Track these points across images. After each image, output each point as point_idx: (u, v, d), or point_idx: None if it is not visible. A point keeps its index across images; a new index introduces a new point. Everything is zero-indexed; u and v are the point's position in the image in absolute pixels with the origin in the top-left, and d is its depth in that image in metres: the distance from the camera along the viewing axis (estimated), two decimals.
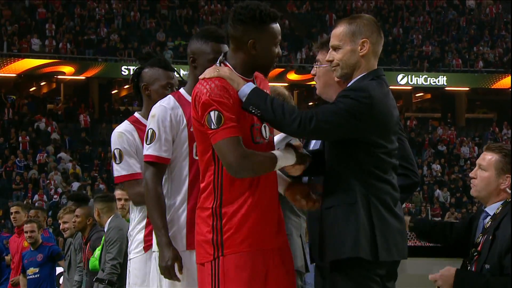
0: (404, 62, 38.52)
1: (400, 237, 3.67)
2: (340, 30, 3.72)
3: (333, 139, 3.66)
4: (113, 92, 38.50)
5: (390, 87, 3.85)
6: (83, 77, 35.43)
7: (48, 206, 26.75)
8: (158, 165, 3.88)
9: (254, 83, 3.69)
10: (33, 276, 9.07)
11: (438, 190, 32.99)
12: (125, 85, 38.96)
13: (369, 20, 3.75)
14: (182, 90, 4.03)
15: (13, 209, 9.85)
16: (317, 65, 4.08)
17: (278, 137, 3.80)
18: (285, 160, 3.62)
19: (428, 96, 42.41)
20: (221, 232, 3.55)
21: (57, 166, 29.99)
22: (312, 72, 4.11)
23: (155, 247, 3.90)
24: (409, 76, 37.76)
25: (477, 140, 37.44)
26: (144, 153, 3.93)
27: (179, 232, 3.86)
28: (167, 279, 3.83)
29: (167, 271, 3.77)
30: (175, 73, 4.47)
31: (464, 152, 36.13)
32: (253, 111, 3.57)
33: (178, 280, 3.78)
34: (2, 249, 10.37)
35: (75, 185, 28.88)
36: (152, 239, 4.03)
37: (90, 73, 34.97)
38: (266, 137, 3.68)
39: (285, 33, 37.64)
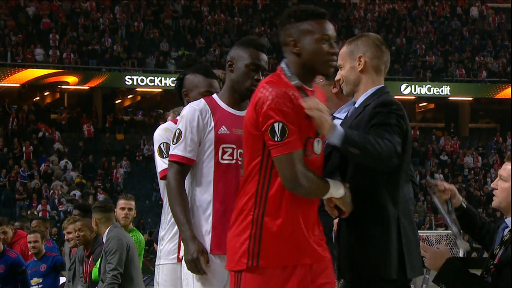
0: (408, 72, 38.53)
1: (418, 252, 3.75)
2: (342, 50, 3.91)
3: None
4: (116, 102, 38.55)
5: (394, 97, 3.90)
6: (87, 87, 35.49)
7: (51, 216, 26.75)
8: (182, 165, 3.87)
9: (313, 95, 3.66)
10: (37, 287, 9.05)
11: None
12: (128, 95, 39.01)
13: (369, 37, 3.90)
14: (215, 95, 4.06)
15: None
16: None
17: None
18: (336, 190, 3.56)
19: (432, 106, 42.41)
20: (259, 242, 3.48)
21: (61, 175, 30.01)
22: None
23: (182, 252, 3.87)
24: (413, 86, 37.77)
25: (481, 150, 37.40)
26: (170, 153, 3.94)
27: (203, 236, 3.84)
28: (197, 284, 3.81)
29: (193, 264, 3.74)
30: (218, 80, 4.45)
31: (467, 162, 36.09)
32: (351, 150, 3.48)
33: (205, 273, 3.76)
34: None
35: (77, 194, 28.93)
36: None
37: (94, 83, 35.02)
38: (317, 152, 3.59)
39: None
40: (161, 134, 4.39)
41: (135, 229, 8.05)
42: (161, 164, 4.32)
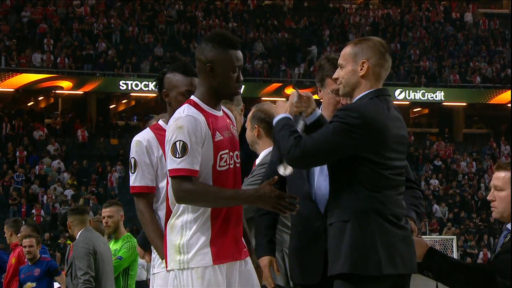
0: (402, 77, 38.61)
1: (407, 250, 3.72)
2: (346, 50, 3.90)
3: (327, 162, 3.77)
4: (111, 106, 38.52)
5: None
6: (81, 92, 35.46)
7: (45, 221, 26.71)
8: (193, 179, 3.74)
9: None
10: None
11: (436, 205, 32.98)
12: (123, 100, 38.99)
13: (375, 43, 3.89)
14: (194, 98, 3.88)
15: None
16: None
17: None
18: None
19: (426, 111, 42.48)
20: None
21: (56, 177, 29.96)
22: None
23: (174, 264, 3.80)
24: (407, 91, 37.83)
25: (475, 156, 37.48)
26: (175, 167, 3.74)
27: (203, 247, 3.76)
28: None
29: None
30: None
31: (462, 167, 36.15)
32: (274, 140, 3.80)
33: None
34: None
35: (69, 194, 28.92)
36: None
37: (88, 87, 35.00)
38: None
39: (283, 48, 37.76)
40: (132, 148, 4.23)
41: (130, 234, 8.01)
42: (131, 178, 4.22)
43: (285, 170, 3.74)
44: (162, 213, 4.12)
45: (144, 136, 4.22)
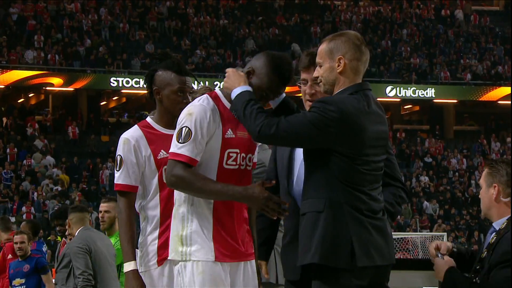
0: (393, 74, 38.66)
1: (384, 242, 3.71)
2: (321, 48, 3.88)
3: (294, 147, 3.85)
4: (101, 103, 38.44)
5: (379, 99, 3.88)
6: (72, 89, 35.38)
7: (37, 218, 26.63)
8: (189, 166, 3.74)
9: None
10: (19, 287, 9.02)
11: (426, 202, 33.05)
12: (113, 97, 38.92)
13: (350, 37, 3.85)
14: (218, 92, 3.91)
15: None
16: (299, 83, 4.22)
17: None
18: None
19: (417, 108, 42.56)
20: None
21: (44, 173, 29.89)
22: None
23: (175, 255, 3.81)
24: (398, 88, 37.88)
25: (465, 152, 37.56)
26: (175, 151, 3.76)
27: (206, 241, 3.76)
28: None
29: None
30: (190, 77, 4.23)
31: (452, 164, 36.24)
32: (233, 113, 3.76)
33: None
34: None
35: (59, 189, 28.86)
36: (166, 252, 3.95)
37: (79, 84, 34.91)
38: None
39: (274, 45, 37.72)
40: (119, 146, 4.18)
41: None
42: (115, 175, 4.19)
43: None
44: (151, 212, 4.11)
45: (133, 134, 4.18)
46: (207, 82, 29.67)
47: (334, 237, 3.62)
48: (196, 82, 4.44)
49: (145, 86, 4.25)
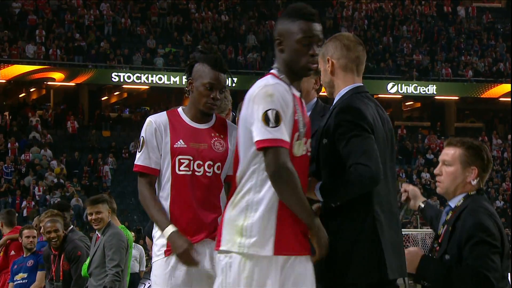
0: (394, 70, 38.64)
1: (399, 253, 3.80)
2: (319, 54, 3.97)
3: (385, 163, 3.72)
4: (103, 98, 38.44)
5: (380, 95, 3.92)
6: (73, 84, 35.38)
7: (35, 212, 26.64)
8: (287, 152, 3.47)
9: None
10: (21, 281, 9.00)
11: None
12: (115, 92, 38.92)
13: (339, 38, 3.90)
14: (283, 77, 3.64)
15: None
16: None
17: None
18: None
19: (418, 105, 42.54)
20: None
21: (46, 165, 29.91)
22: None
23: (231, 246, 3.61)
24: (399, 85, 37.86)
25: None
26: (268, 137, 3.42)
27: (268, 234, 3.51)
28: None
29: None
30: (226, 75, 4.18)
31: None
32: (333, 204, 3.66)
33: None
34: None
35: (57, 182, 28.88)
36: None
37: (80, 79, 34.91)
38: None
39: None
40: (144, 127, 4.15)
41: (124, 227, 8.01)
42: (136, 156, 4.16)
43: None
44: (162, 203, 4.10)
45: (157, 118, 4.15)
46: None
47: (376, 251, 3.67)
48: (230, 79, 4.39)
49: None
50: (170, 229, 3.98)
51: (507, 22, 42.04)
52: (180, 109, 4.21)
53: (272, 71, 3.62)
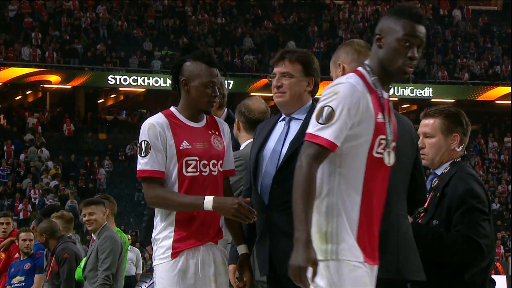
0: None
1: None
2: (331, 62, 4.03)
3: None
4: (99, 101, 38.42)
5: None
6: (69, 86, 35.35)
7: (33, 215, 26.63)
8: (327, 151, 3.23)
9: None
10: (18, 285, 8.99)
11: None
12: (111, 94, 38.90)
13: (350, 44, 3.94)
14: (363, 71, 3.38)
15: None
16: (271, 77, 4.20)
17: None
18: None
19: (414, 107, 42.56)
20: None
21: (40, 167, 29.87)
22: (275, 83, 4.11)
23: (319, 254, 3.20)
24: (395, 87, 37.90)
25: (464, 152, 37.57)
26: (315, 132, 3.21)
27: (352, 239, 3.26)
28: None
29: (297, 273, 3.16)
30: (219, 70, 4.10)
31: None
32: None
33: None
34: None
35: (52, 184, 28.83)
36: (182, 245, 3.95)
37: (76, 82, 34.89)
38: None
39: (273, 43, 37.74)
40: (145, 131, 4.01)
41: (120, 230, 8.01)
42: (139, 162, 4.02)
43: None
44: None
45: (158, 120, 4.04)
46: None
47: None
48: (224, 75, 4.31)
49: (170, 76, 4.15)
50: (209, 197, 3.89)
51: (503, 25, 42.10)
52: (173, 109, 4.11)
53: (359, 68, 3.38)
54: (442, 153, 4.09)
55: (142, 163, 3.99)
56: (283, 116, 4.16)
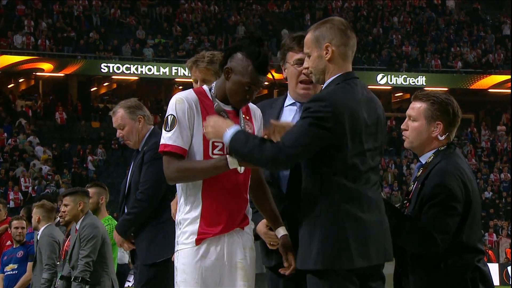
0: (384, 62, 38.67)
1: (382, 238, 3.70)
2: (307, 37, 3.82)
3: (309, 157, 3.66)
4: (92, 89, 38.34)
5: (370, 86, 3.89)
6: (62, 74, 35.26)
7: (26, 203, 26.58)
8: None
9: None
10: (11, 272, 9.00)
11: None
12: (104, 83, 38.81)
13: (334, 23, 3.81)
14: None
15: None
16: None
17: None
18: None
19: (408, 96, 42.55)
20: None
21: (30, 151, 29.82)
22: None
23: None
24: (389, 76, 37.90)
25: (456, 140, 37.65)
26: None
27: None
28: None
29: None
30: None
31: None
32: (236, 157, 3.67)
33: None
34: None
35: (44, 170, 28.79)
36: (207, 231, 3.82)
37: (69, 70, 34.80)
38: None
39: (266, 32, 37.71)
40: (173, 105, 3.85)
41: (111, 217, 8.00)
42: (163, 136, 3.86)
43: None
44: (192, 190, 3.90)
45: (188, 96, 3.88)
46: None
47: (334, 241, 3.60)
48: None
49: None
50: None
51: (496, 14, 42.10)
52: (206, 88, 3.96)
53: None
54: (422, 139, 4.06)
55: (166, 137, 3.83)
56: (291, 101, 4.17)
